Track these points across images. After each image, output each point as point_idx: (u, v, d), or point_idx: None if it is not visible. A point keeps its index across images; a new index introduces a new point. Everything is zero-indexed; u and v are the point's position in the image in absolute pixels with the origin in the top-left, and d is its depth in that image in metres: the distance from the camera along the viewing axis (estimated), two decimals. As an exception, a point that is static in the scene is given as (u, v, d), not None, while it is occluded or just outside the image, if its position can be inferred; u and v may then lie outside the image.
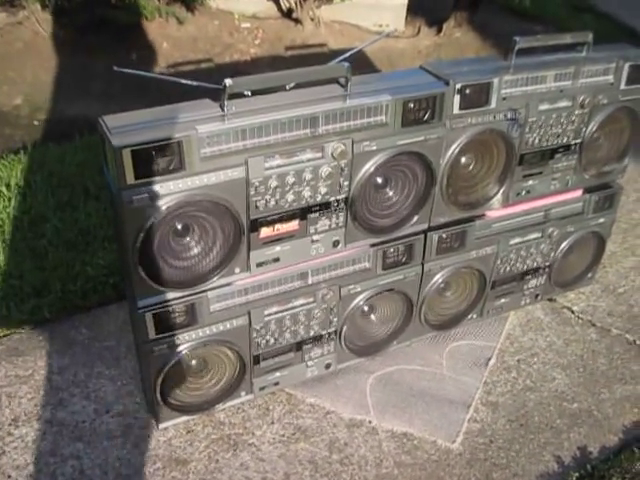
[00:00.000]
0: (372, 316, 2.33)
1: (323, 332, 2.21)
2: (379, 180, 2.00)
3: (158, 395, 2.00)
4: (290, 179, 1.81)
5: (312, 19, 5.47)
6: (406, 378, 2.37)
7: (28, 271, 2.60)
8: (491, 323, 2.65)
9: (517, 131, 2.16)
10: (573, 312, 2.74)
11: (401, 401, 2.27)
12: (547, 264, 2.63)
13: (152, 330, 1.88)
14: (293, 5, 5.40)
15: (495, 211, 2.34)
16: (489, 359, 2.48)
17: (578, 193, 2.53)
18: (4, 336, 2.42)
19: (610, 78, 2.25)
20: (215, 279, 1.88)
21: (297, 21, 5.46)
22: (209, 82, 1.88)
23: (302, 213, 1.90)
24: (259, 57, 5.17)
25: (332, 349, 2.27)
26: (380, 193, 2.03)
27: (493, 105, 2.06)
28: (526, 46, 2.11)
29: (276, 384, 2.23)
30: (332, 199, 1.93)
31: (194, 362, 2.04)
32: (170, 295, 1.85)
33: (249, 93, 1.83)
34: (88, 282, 2.60)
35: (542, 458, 2.11)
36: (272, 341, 2.11)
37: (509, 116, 2.12)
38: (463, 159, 2.14)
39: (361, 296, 2.22)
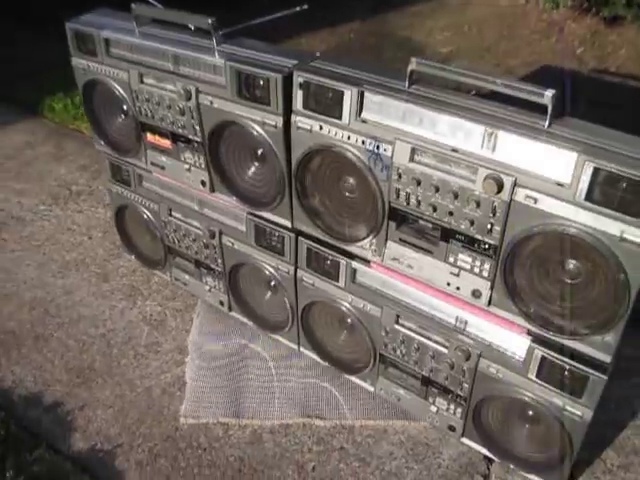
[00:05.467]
0: (249, 282, 2.35)
1: (214, 266, 2.41)
2: (228, 142, 2.02)
3: (116, 229, 2.72)
4: (155, 99, 2.12)
5: None
6: (228, 357, 2.35)
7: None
8: (386, 408, 2.14)
9: (383, 172, 1.71)
10: (477, 486, 1.91)
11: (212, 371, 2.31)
12: (459, 394, 1.90)
13: (109, 172, 2.58)
14: None
15: (378, 266, 1.91)
16: (320, 418, 2.11)
17: (516, 329, 1.71)
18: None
19: (566, 178, 1.45)
20: (130, 157, 2.40)
21: None
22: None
23: (172, 136, 2.17)
24: None
25: (223, 288, 2.44)
26: (236, 157, 2.05)
27: (345, 121, 1.72)
28: (426, 70, 1.63)
29: (185, 284, 2.59)
30: (191, 137, 2.11)
31: (143, 223, 2.60)
32: (112, 152, 2.47)
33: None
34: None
35: None
36: (176, 241, 2.48)
37: (368, 146, 1.71)
38: (321, 172, 1.86)
39: (238, 251, 2.26)
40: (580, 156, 1.39)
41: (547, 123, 1.48)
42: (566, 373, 1.65)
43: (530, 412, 1.79)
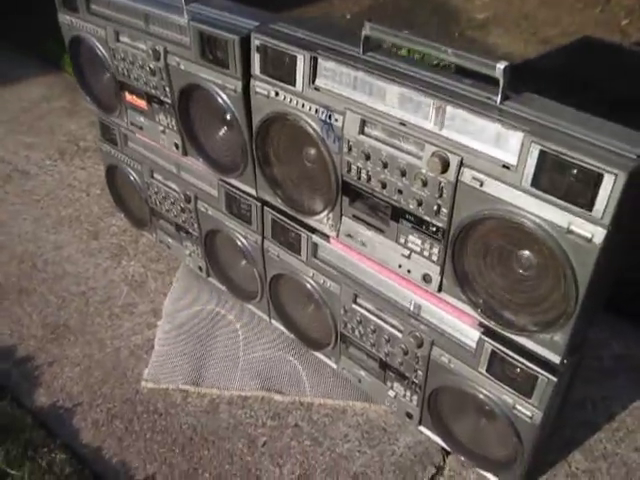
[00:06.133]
0: (224, 249, 2.30)
1: (191, 231, 2.37)
2: (196, 105, 1.96)
3: (107, 187, 2.72)
4: (130, 58, 2.06)
5: None
6: (198, 323, 2.32)
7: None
8: (349, 388, 2.08)
9: (335, 143, 1.61)
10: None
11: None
12: (414, 381, 1.82)
13: (99, 130, 2.56)
14: None
15: (336, 242, 1.82)
16: (280, 393, 2.07)
17: (467, 319, 1.60)
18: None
19: (513, 160, 1.33)
20: (115, 116, 2.36)
21: None
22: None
23: (147, 96, 2.12)
24: None
25: (201, 253, 2.40)
26: (203, 120, 1.99)
27: (299, 88, 1.63)
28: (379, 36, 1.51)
29: (168, 247, 2.57)
30: (162, 98, 2.05)
31: (129, 183, 2.57)
32: (99, 110, 2.44)
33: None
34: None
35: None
36: (158, 203, 2.44)
37: (320, 115, 1.61)
38: (279, 140, 1.78)
39: (213, 217, 2.22)
40: (526, 137, 1.26)
41: (499, 99, 1.34)
42: (516, 370, 1.54)
43: (483, 407, 1.69)
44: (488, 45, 4.08)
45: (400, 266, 1.65)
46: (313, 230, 1.86)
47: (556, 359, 1.45)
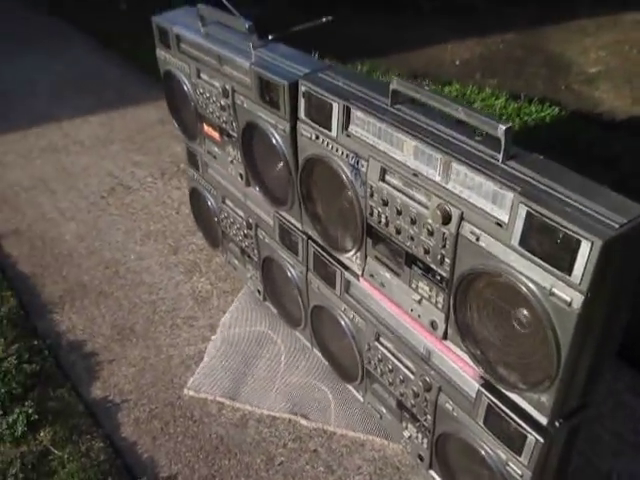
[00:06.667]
0: (278, 275, 2.43)
1: (252, 256, 2.55)
2: (256, 140, 2.13)
3: (190, 207, 2.97)
4: (207, 94, 2.30)
5: None
6: (248, 342, 2.48)
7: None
8: (372, 423, 2.14)
9: (361, 188, 1.73)
10: (427, 522, 1.85)
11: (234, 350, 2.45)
12: (424, 424, 1.85)
13: (186, 155, 2.83)
14: None
15: (364, 281, 1.91)
16: (306, 418, 2.17)
17: (469, 369, 1.64)
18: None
19: (505, 218, 1.38)
20: (196, 144, 2.61)
21: None
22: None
23: (220, 130, 2.34)
24: None
25: (259, 277, 2.57)
26: (261, 155, 2.16)
27: (334, 134, 1.76)
28: (403, 91, 1.62)
29: (235, 269, 2.76)
30: (230, 132, 2.26)
31: (206, 206, 2.80)
32: (184, 137, 2.70)
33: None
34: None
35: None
36: (227, 227, 2.65)
37: (350, 160, 1.73)
38: (319, 180, 1.91)
39: (269, 245, 2.38)
40: (516, 197, 1.30)
41: (501, 158, 1.39)
42: (508, 426, 1.54)
43: (481, 458, 1.69)
44: (593, 99, 3.99)
45: (412, 310, 1.71)
46: (346, 267, 1.96)
47: (543, 420, 1.44)
